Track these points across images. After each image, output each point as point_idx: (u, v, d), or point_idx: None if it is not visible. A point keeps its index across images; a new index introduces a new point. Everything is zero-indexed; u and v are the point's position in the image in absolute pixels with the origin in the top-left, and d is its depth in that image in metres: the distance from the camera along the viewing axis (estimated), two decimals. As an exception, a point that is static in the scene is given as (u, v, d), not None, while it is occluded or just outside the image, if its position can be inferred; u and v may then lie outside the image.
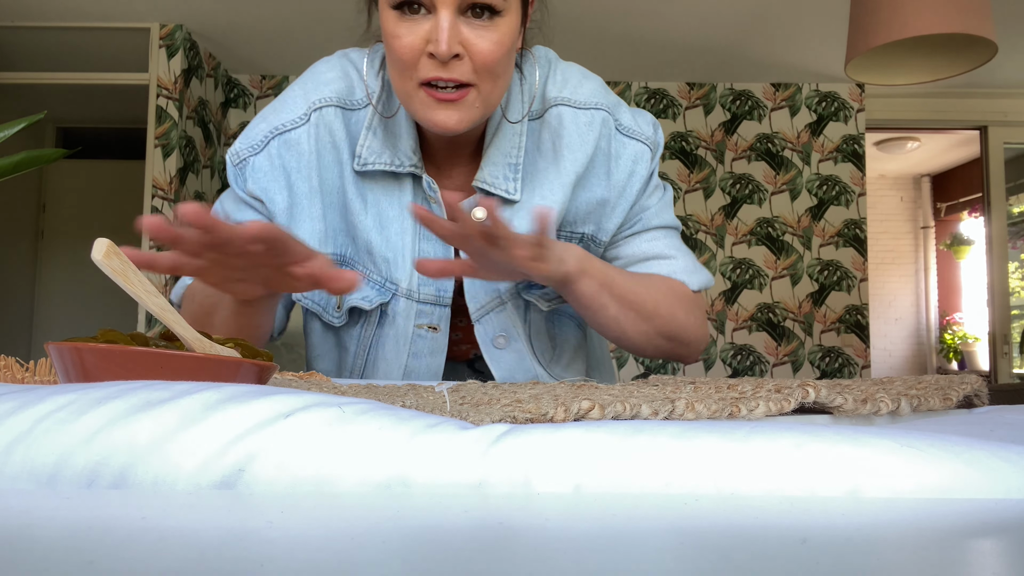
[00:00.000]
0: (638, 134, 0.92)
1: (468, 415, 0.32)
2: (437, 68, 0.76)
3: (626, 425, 0.31)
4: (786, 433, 0.29)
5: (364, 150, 0.87)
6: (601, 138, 0.90)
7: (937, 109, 4.42)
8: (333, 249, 0.90)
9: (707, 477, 0.28)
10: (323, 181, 0.89)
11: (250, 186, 0.90)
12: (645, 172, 0.92)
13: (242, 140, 0.91)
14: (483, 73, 0.78)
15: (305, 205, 0.89)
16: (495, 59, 0.77)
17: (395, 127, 0.88)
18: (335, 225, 0.90)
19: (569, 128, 0.89)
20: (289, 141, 0.88)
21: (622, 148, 0.91)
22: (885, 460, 0.27)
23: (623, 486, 0.28)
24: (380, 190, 0.89)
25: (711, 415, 0.38)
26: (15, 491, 0.27)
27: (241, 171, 0.90)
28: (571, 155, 0.89)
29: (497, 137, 0.88)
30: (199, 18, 3.58)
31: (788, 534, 0.22)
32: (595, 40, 3.71)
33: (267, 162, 0.89)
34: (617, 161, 0.91)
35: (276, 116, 0.90)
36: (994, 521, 0.24)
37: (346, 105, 0.90)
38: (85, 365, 0.41)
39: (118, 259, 0.42)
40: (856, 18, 2.17)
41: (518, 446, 0.29)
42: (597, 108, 0.91)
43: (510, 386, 0.56)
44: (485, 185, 0.87)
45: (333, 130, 0.88)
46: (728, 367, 4.17)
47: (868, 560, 0.20)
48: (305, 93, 0.90)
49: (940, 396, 0.51)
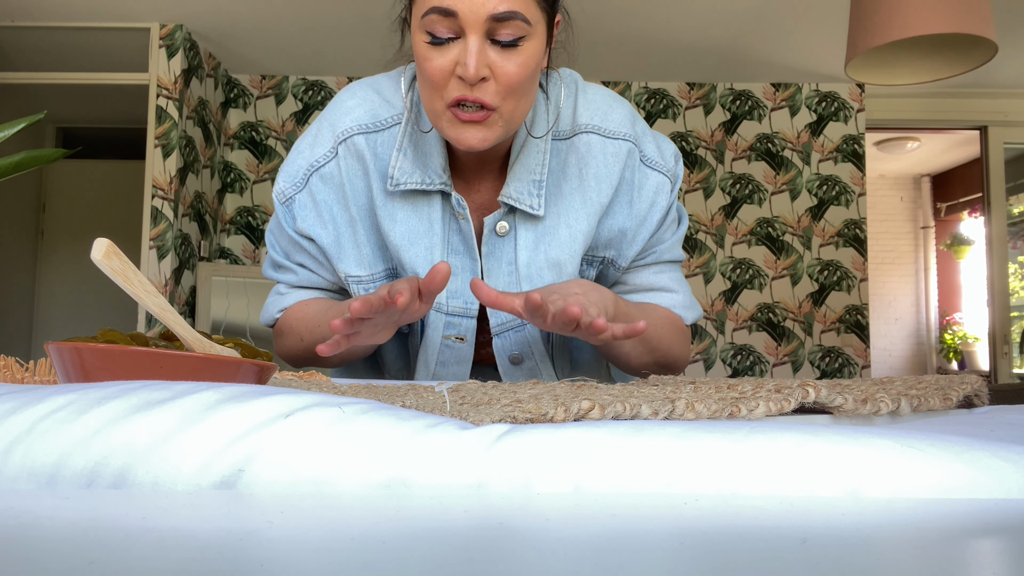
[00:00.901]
0: (660, 166, 0.95)
1: (468, 415, 0.32)
2: (464, 89, 0.80)
3: (626, 425, 0.31)
4: (786, 433, 0.29)
5: (396, 171, 0.90)
6: (626, 168, 0.93)
7: (937, 109, 4.42)
8: (385, 265, 0.95)
9: (707, 477, 0.28)
10: (358, 207, 0.93)
11: (299, 224, 0.95)
12: (665, 203, 0.95)
13: (284, 179, 0.96)
14: (507, 94, 0.81)
15: (348, 234, 0.94)
16: (519, 81, 0.81)
17: (425, 146, 0.91)
18: (374, 244, 0.94)
19: (597, 157, 0.93)
20: (324, 176, 0.93)
21: (645, 179, 0.94)
22: (886, 460, 0.27)
23: (623, 487, 0.28)
24: (409, 208, 0.92)
25: (711, 415, 0.38)
26: (15, 491, 0.27)
27: (289, 209, 0.96)
28: (597, 185, 0.92)
29: (523, 154, 0.91)
30: (199, 18, 3.58)
31: (788, 534, 0.22)
32: (595, 40, 3.71)
33: (310, 199, 0.94)
34: (640, 192, 0.94)
35: (311, 152, 0.94)
36: (994, 521, 0.24)
37: (370, 128, 0.93)
38: (85, 365, 0.41)
39: (118, 259, 0.42)
40: (856, 18, 2.17)
41: (518, 446, 0.29)
42: (625, 139, 0.94)
43: (510, 386, 0.56)
44: (510, 200, 0.90)
45: (361, 156, 0.92)
46: (728, 367, 4.17)
47: (868, 560, 0.20)
48: (332, 125, 0.94)
49: (940, 396, 0.51)
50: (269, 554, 0.19)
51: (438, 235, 0.92)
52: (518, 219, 0.93)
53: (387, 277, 0.95)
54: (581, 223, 0.92)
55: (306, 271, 0.99)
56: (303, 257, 0.98)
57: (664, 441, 0.29)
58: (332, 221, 0.94)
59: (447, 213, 0.93)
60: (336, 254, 0.95)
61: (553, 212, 0.92)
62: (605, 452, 0.28)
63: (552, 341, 0.98)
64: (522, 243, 0.92)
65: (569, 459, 0.28)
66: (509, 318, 0.94)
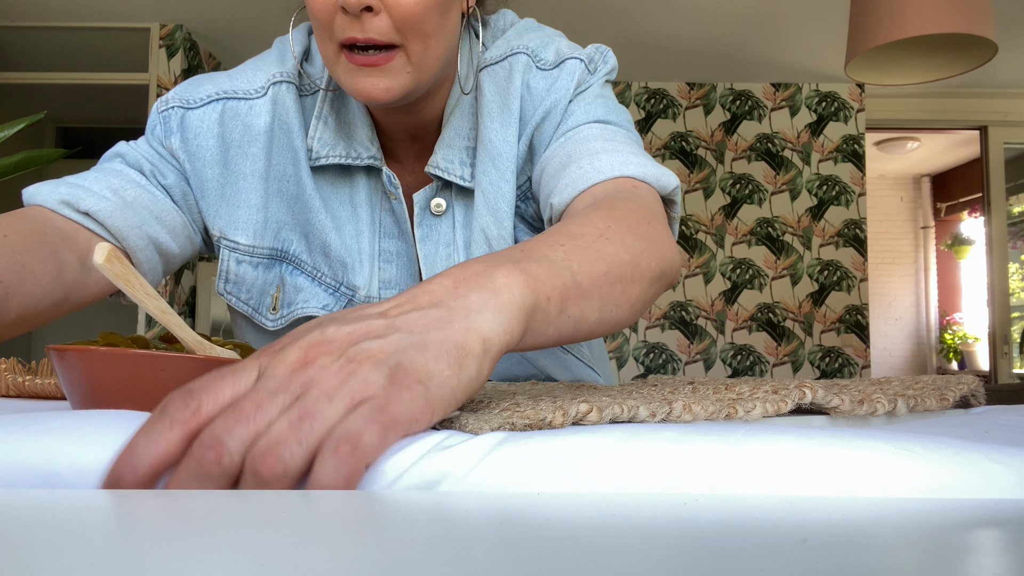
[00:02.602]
0: (566, 55, 0.76)
1: (467, 423, 0.32)
2: (352, 25, 0.65)
3: (623, 429, 0.31)
4: (781, 436, 0.29)
5: (315, 142, 0.77)
6: (524, 87, 0.76)
7: (937, 109, 4.42)
8: (272, 243, 0.79)
9: (704, 481, 0.28)
10: (271, 167, 0.77)
11: (174, 142, 0.76)
12: (571, 81, 0.75)
13: (176, 91, 0.79)
14: (408, 31, 0.66)
15: (243, 188, 0.77)
16: (417, 12, 0.65)
17: (348, 114, 0.77)
18: (279, 218, 0.79)
19: (488, 93, 0.76)
20: (238, 112, 0.77)
21: (550, 81, 0.76)
22: (879, 463, 0.27)
23: (621, 491, 0.28)
24: (329, 187, 0.79)
25: (708, 417, 0.38)
26: (15, 491, 0.27)
27: (166, 121, 0.77)
28: (491, 124, 0.75)
29: (455, 116, 0.77)
30: (199, 18, 3.58)
31: (788, 534, 0.22)
32: (595, 40, 3.70)
33: (203, 125, 0.77)
34: (545, 96, 0.76)
35: (229, 81, 0.78)
36: (992, 519, 0.24)
37: (301, 88, 0.79)
38: (86, 368, 0.42)
39: (119, 263, 0.42)
40: (856, 18, 2.17)
41: (517, 453, 0.29)
42: (513, 53, 0.76)
43: (508, 386, 0.56)
44: (437, 171, 0.76)
45: (289, 111, 0.77)
46: (728, 367, 4.17)
47: (868, 560, 0.20)
48: (267, 64, 0.79)
49: (937, 397, 0.51)
50: (272, 554, 0.20)
51: (366, 218, 0.79)
52: (455, 195, 0.79)
53: (268, 258, 0.79)
54: (492, 176, 0.75)
55: (119, 200, 0.72)
56: (169, 172, 0.76)
57: (661, 446, 0.29)
58: (224, 163, 0.77)
59: (378, 191, 0.79)
60: (214, 205, 0.77)
61: (480, 178, 0.77)
62: (603, 457, 0.29)
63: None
64: (459, 219, 0.78)
65: (568, 465, 0.28)
66: None
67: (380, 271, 0.80)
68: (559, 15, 3.46)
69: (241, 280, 0.79)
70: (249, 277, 0.79)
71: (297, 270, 0.80)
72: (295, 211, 0.78)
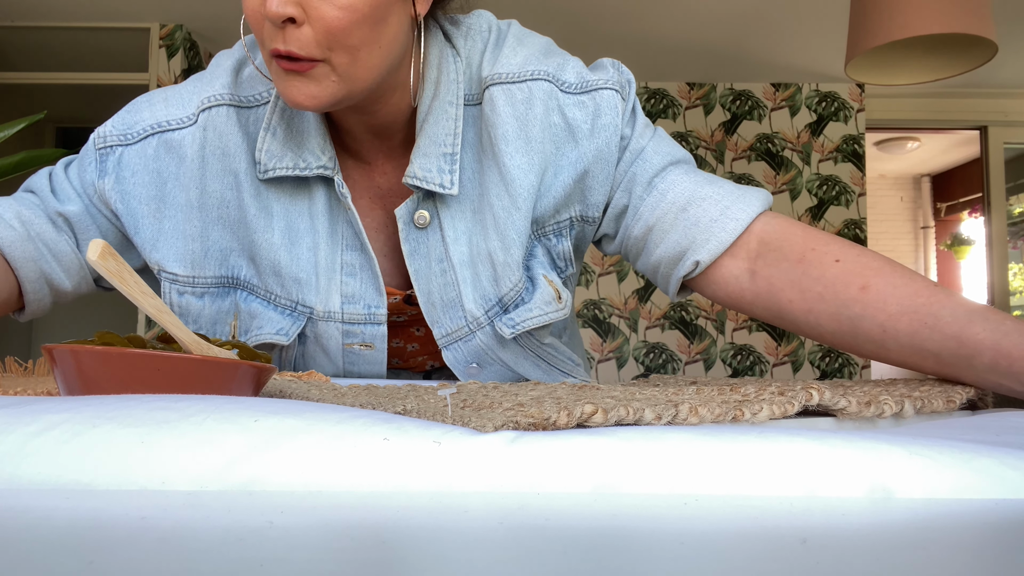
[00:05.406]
0: (593, 83, 0.76)
1: (471, 420, 0.32)
2: (276, 36, 0.64)
3: (632, 431, 0.31)
4: (792, 439, 0.29)
5: (263, 154, 0.74)
6: (550, 112, 0.75)
7: (937, 109, 4.42)
8: (217, 272, 0.78)
9: (714, 484, 0.27)
10: (206, 195, 0.76)
11: (106, 184, 0.76)
12: (616, 117, 0.75)
13: (116, 125, 0.77)
14: (332, 44, 0.64)
15: (179, 220, 0.76)
16: (341, 27, 0.63)
17: (300, 123, 0.75)
18: (224, 245, 0.77)
19: (503, 113, 0.74)
20: (171, 144, 0.76)
21: (578, 109, 0.75)
22: (894, 468, 0.27)
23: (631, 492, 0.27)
24: (286, 200, 0.76)
25: (715, 419, 0.38)
26: (15, 491, 0.27)
27: (102, 160, 0.76)
28: (507, 147, 0.74)
29: (428, 124, 0.74)
30: (199, 18, 3.58)
31: (788, 534, 0.22)
32: (595, 40, 3.71)
33: (139, 162, 0.76)
34: (579, 126, 0.75)
35: (164, 109, 0.77)
36: (997, 521, 0.24)
37: (241, 103, 0.77)
38: (82, 367, 0.41)
39: (113, 260, 0.42)
40: (856, 18, 2.17)
41: (522, 453, 0.28)
42: (534, 78, 0.75)
43: (511, 386, 0.56)
44: (416, 180, 0.73)
45: (224, 134, 0.76)
46: (728, 367, 4.17)
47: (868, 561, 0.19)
48: (199, 88, 0.78)
49: (944, 399, 0.51)
50: (269, 554, 0.19)
51: (324, 230, 0.76)
52: (439, 205, 0.76)
53: (216, 286, 0.78)
54: (504, 201, 0.74)
55: (24, 231, 0.74)
56: (74, 214, 0.77)
57: (671, 446, 0.29)
58: (159, 198, 0.76)
59: (334, 202, 0.77)
60: (150, 240, 0.76)
61: (477, 193, 0.76)
62: (611, 458, 0.28)
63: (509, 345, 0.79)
64: (451, 234, 0.76)
65: (574, 465, 0.28)
66: (454, 327, 0.77)
67: (343, 284, 0.77)
68: (559, 15, 3.46)
69: (186, 311, 0.78)
70: (194, 308, 0.78)
71: (252, 295, 0.78)
72: (239, 236, 0.77)
